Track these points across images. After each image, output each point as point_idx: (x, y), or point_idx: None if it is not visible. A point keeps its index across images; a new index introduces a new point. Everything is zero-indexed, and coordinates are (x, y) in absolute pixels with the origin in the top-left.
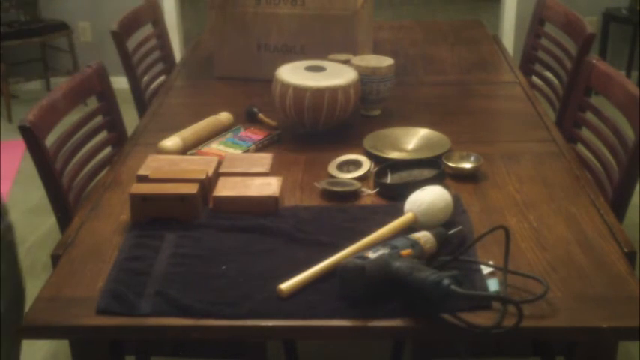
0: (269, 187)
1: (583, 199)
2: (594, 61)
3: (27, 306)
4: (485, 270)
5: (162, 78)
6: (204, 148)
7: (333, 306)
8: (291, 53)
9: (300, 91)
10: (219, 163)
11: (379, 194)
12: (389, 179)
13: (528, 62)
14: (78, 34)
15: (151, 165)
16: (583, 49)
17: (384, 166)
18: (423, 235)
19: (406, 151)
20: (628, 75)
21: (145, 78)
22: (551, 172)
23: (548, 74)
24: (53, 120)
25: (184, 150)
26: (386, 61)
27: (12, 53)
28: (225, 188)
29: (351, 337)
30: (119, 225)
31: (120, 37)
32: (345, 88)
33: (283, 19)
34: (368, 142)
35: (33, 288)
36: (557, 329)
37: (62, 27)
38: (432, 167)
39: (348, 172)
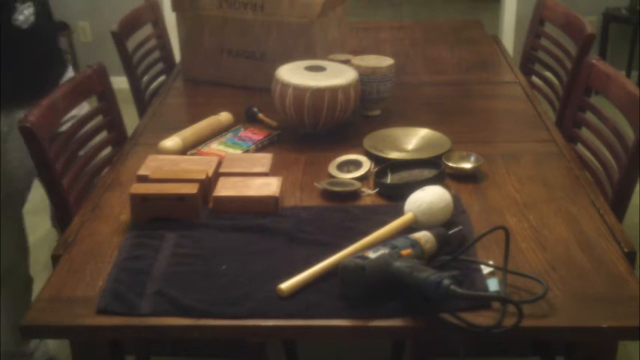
0: (269, 187)
1: (583, 199)
2: (594, 61)
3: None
4: (486, 270)
5: (162, 78)
6: (204, 148)
7: (333, 306)
8: (251, 59)
9: (300, 91)
10: (219, 163)
11: (379, 194)
12: (389, 179)
13: (528, 62)
14: (78, 34)
15: (151, 165)
16: (583, 49)
17: (384, 166)
18: (423, 235)
19: (406, 151)
20: (628, 75)
21: (145, 78)
22: (551, 172)
23: (548, 74)
24: (53, 120)
25: (184, 150)
26: (386, 61)
27: None
28: (225, 188)
29: (351, 337)
30: (119, 225)
31: (120, 37)
32: (345, 88)
33: (244, 25)
34: (368, 142)
35: (33, 288)
36: (557, 329)
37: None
38: (432, 167)
39: (348, 172)
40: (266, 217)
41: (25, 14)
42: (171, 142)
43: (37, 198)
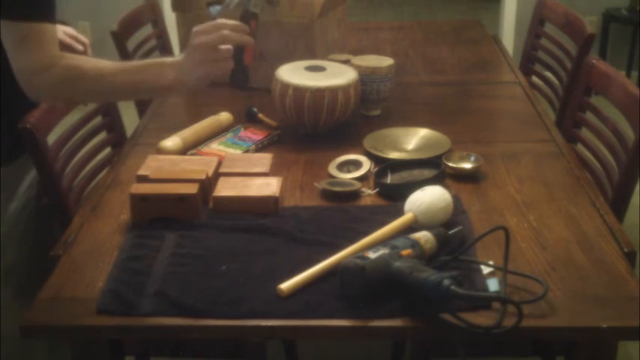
0: (269, 187)
1: (583, 199)
2: (594, 61)
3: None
4: (486, 270)
5: None
6: (204, 148)
7: (333, 306)
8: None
9: (300, 91)
10: (219, 163)
11: (379, 194)
12: (389, 179)
13: (528, 62)
14: None
15: (151, 165)
16: (583, 49)
17: (384, 166)
18: (423, 235)
19: (406, 151)
20: (628, 75)
21: None
22: (551, 172)
23: (548, 74)
24: (53, 120)
25: (184, 150)
26: (386, 61)
27: None
28: (225, 188)
29: (351, 337)
30: (119, 225)
31: (120, 37)
32: (345, 88)
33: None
34: (368, 142)
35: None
36: (557, 329)
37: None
38: (432, 167)
39: (348, 172)
40: (266, 217)
41: None
42: (171, 142)
43: None
